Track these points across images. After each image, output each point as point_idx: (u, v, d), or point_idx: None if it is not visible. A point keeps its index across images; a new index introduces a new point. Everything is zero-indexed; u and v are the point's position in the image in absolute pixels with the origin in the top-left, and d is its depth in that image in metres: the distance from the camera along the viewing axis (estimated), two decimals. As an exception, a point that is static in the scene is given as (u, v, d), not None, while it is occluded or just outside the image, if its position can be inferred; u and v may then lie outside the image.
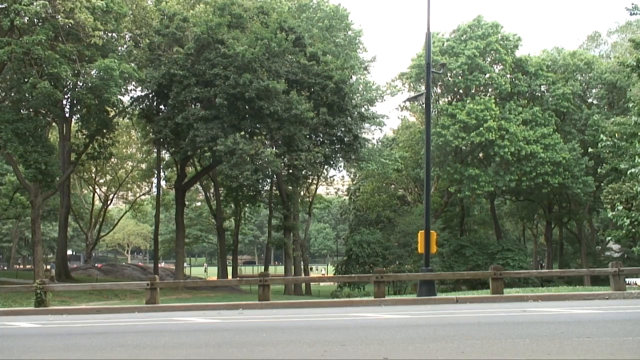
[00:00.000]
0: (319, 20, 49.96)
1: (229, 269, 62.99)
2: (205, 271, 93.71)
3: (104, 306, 22.52)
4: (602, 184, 47.21)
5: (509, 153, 46.28)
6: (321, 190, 73.94)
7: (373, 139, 59.30)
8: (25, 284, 32.70)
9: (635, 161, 26.97)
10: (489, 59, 50.93)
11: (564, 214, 59.24)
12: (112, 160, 57.87)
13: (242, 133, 38.28)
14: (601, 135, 32.86)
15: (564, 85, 50.71)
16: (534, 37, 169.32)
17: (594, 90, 55.65)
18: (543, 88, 52.72)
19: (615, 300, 16.33)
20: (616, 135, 33.26)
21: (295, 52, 39.69)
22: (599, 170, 42.50)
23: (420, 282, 19.48)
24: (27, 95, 33.73)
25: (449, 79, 50.24)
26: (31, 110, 36.43)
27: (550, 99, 50.81)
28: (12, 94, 36.64)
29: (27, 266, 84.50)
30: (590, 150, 43.18)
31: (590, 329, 9.82)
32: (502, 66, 50.98)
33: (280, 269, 73.70)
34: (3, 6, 32.33)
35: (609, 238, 36.10)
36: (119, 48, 40.46)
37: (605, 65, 53.74)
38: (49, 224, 74.63)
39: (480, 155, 51.84)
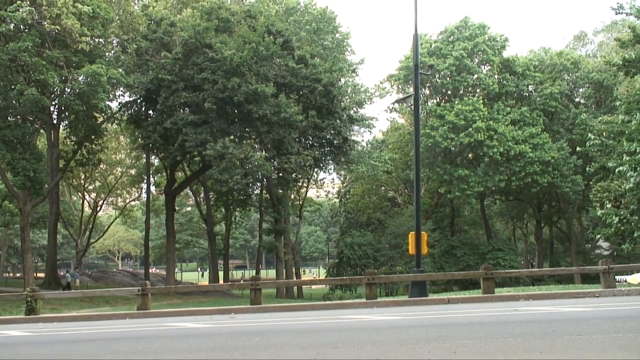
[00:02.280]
0: (306, 23, 49.96)
1: (221, 274, 62.86)
2: (202, 276, 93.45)
3: (95, 313, 22.40)
4: (590, 183, 47.40)
5: (498, 153, 46.46)
6: (311, 193, 73.95)
7: (362, 141, 59.30)
8: (15, 292, 32.48)
9: (623, 159, 27.18)
10: (476, 60, 51.12)
11: (553, 213, 59.46)
12: (101, 166, 57.57)
13: (232, 137, 38.18)
14: (589, 134, 33.10)
15: (551, 85, 50.98)
16: (521, 38, 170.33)
17: (581, 90, 55.97)
18: (531, 88, 53.01)
19: (606, 298, 16.41)
20: (604, 133, 33.53)
21: (284, 56, 39.67)
22: (587, 168, 42.75)
23: (412, 283, 19.51)
24: (14, 102, 33.55)
25: (437, 80, 50.38)
26: (19, 117, 36.23)
27: (538, 98, 51.06)
28: (-1, 101, 36.47)
29: (17, 274, 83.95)
30: (578, 149, 43.31)
31: (581, 326, 9.86)
32: (489, 67, 51.20)
33: (272, 273, 73.72)
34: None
35: (599, 236, 36.33)
36: (107, 54, 40.35)
37: (592, 65, 54.11)
38: (38, 232, 74.21)
39: (470, 155, 51.99)
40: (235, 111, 38.05)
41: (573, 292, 17.96)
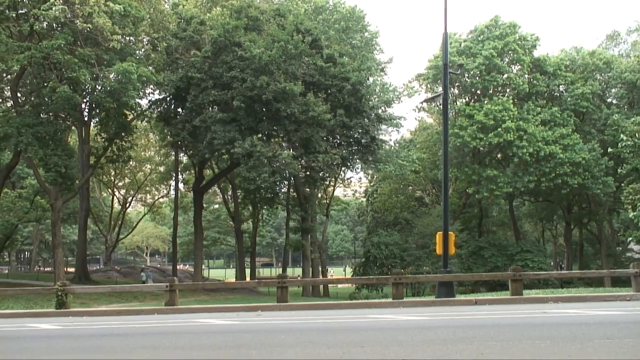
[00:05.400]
0: (335, 22, 49.98)
1: (247, 271, 63.20)
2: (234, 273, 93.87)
3: (123, 308, 22.66)
4: (622, 184, 46.65)
5: (528, 154, 45.94)
6: (338, 192, 73.96)
7: (390, 140, 59.26)
8: (46, 286, 33.00)
9: (656, 161, 26.72)
10: (506, 59, 50.60)
11: (583, 215, 58.69)
12: (131, 163, 58.22)
13: (260, 135, 38.36)
14: (621, 135, 32.64)
15: (583, 85, 50.27)
16: (552, 37, 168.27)
17: (613, 90, 55.05)
18: (562, 88, 52.31)
19: (637, 302, 16.16)
20: (636, 134, 33.01)
21: (312, 54, 39.72)
22: (619, 170, 42.10)
23: (439, 284, 19.41)
24: (46, 99, 34.04)
25: (467, 79, 50.01)
26: (51, 114, 36.78)
27: (569, 99, 50.38)
28: (32, 98, 37.01)
29: (47, 268, 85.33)
30: (610, 150, 42.69)
31: (611, 330, 9.72)
32: (520, 66, 50.64)
33: (298, 271, 73.81)
34: (23, 11, 32.72)
35: (630, 239, 35.85)
36: (137, 52, 40.69)
37: (625, 65, 53.23)
38: (69, 227, 75.34)
39: (499, 156, 51.52)
40: (264, 109, 38.20)
41: (603, 295, 17.72)
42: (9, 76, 38.25)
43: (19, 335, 12.60)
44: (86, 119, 42.73)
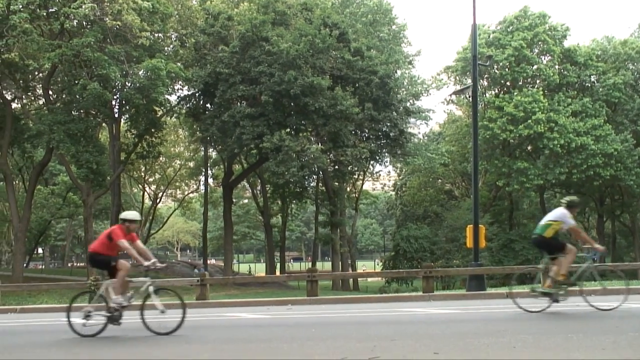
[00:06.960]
0: (362, 15, 49.78)
1: (277, 265, 63.48)
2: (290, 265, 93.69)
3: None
4: (656, 176, 45.91)
5: (559, 145, 45.32)
6: (367, 185, 73.76)
7: (419, 133, 58.82)
8: (79, 281, 33.51)
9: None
10: (536, 50, 49.94)
11: (616, 207, 57.77)
12: (161, 159, 58.71)
13: (288, 130, 38.40)
14: (655, 126, 32.04)
15: (615, 75, 49.34)
16: (583, 27, 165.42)
17: (646, 80, 54.03)
18: (593, 78, 51.42)
19: (672, 295, 15.89)
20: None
21: (340, 48, 39.60)
22: (652, 161, 41.29)
23: (470, 277, 19.31)
24: (77, 96, 34.49)
25: (496, 71, 49.47)
26: (82, 111, 37.26)
27: (600, 89, 49.54)
28: (64, 96, 37.54)
29: (80, 264, 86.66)
30: (643, 141, 41.92)
31: (646, 323, 9.59)
32: (550, 57, 49.93)
33: (328, 265, 73.90)
34: (53, 10, 33.17)
35: (665, 231, 35.21)
36: (166, 48, 41.02)
37: (659, 54, 52.16)
38: (100, 223, 76.25)
39: (529, 148, 50.94)
40: (292, 104, 38.23)
41: (637, 288, 17.45)
42: (40, 74, 38.84)
43: (55, 329, 12.86)
44: (116, 115, 43.10)
